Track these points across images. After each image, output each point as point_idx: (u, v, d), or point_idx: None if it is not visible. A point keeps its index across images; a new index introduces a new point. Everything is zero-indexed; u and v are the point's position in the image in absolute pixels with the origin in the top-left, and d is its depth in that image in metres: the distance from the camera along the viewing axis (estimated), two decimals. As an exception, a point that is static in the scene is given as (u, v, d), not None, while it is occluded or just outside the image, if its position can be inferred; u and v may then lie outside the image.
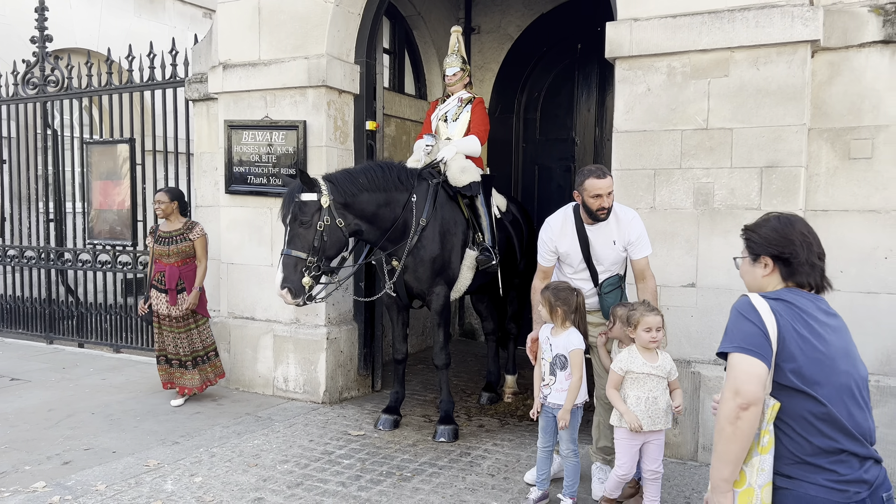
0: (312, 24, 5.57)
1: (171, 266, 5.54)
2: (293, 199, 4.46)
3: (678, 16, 4.30)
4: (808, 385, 1.95)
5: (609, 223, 3.80)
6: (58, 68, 7.72)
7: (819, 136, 4.25)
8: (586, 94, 7.45)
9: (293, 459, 4.43)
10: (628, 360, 3.45)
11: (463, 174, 4.98)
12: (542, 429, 3.79)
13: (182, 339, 5.58)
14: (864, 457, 1.95)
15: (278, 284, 4.41)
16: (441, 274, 4.89)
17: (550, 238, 3.92)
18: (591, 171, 3.72)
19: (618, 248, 3.82)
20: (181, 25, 11.84)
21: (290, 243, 4.45)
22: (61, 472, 4.19)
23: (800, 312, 2.01)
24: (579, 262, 3.87)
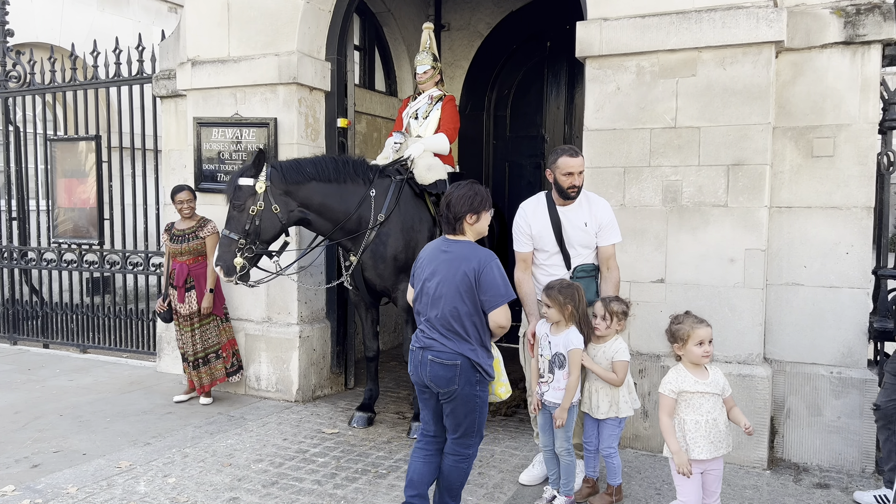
0: (283, 21, 5.54)
1: (181, 264, 5.47)
2: (232, 183, 4.62)
3: (647, 16, 4.38)
4: None
5: (581, 205, 3.87)
6: (19, 63, 7.56)
7: (783, 134, 4.36)
8: (556, 91, 7.52)
9: (267, 458, 4.42)
10: (678, 380, 3.11)
11: (429, 172, 5.00)
12: (541, 427, 3.75)
13: (187, 336, 5.49)
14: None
15: (212, 263, 4.60)
16: (406, 271, 4.89)
17: (525, 221, 3.95)
18: (563, 150, 3.81)
19: (589, 231, 3.85)
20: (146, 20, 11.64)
21: (227, 224, 4.62)
22: (31, 475, 4.13)
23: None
24: (552, 245, 3.88)
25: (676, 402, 3.11)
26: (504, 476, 4.17)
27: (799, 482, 4.11)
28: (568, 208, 3.88)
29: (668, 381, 3.14)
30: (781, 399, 4.41)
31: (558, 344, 3.58)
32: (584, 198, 3.89)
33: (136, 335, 7.10)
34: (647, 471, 4.24)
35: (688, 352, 3.10)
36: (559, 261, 3.91)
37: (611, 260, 3.92)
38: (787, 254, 4.39)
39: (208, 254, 5.48)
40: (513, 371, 3.86)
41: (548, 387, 3.62)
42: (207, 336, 5.53)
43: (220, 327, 5.59)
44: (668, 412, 3.11)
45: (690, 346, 3.08)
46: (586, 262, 3.89)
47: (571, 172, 3.76)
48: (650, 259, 4.51)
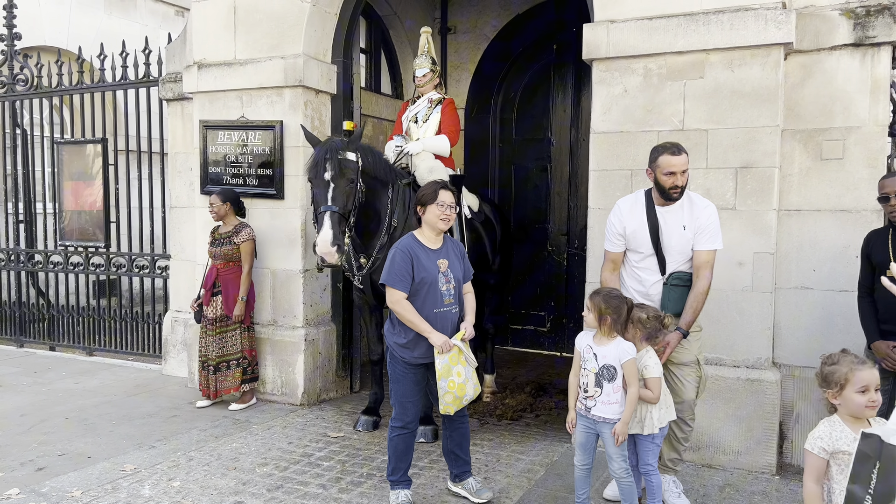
0: (289, 24, 5.53)
1: (213, 267, 5.45)
2: (336, 155, 4.32)
3: (654, 18, 4.35)
4: None
5: (682, 207, 3.60)
6: (27, 67, 7.58)
7: (792, 137, 4.32)
8: (562, 94, 7.49)
9: (272, 462, 4.40)
10: (832, 436, 2.43)
11: (431, 174, 4.98)
12: (580, 445, 3.47)
13: (210, 340, 5.44)
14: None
15: (328, 241, 4.20)
16: None
17: (619, 219, 3.71)
18: (665, 148, 3.55)
19: (687, 235, 3.58)
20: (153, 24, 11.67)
21: (335, 200, 4.28)
22: (35, 479, 4.12)
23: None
24: (647, 247, 3.63)
25: (828, 464, 2.44)
26: (510, 480, 4.14)
27: (808, 488, 4.06)
28: (667, 209, 3.61)
29: (818, 436, 2.46)
30: (790, 404, 4.37)
31: (607, 355, 3.33)
32: (686, 199, 3.62)
33: (141, 338, 7.10)
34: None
35: (846, 400, 2.43)
36: (653, 264, 3.66)
37: (703, 268, 3.57)
38: (795, 257, 4.36)
39: (243, 260, 5.39)
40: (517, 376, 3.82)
41: (595, 402, 3.37)
42: (229, 343, 5.45)
43: (244, 335, 5.50)
44: (817, 477, 2.44)
45: (850, 393, 2.42)
46: (682, 269, 3.63)
47: (673, 172, 3.49)
48: (658, 262, 4.47)
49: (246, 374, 5.53)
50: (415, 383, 3.70)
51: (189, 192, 6.33)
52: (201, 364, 5.54)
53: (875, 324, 3.57)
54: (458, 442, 3.84)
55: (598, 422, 3.37)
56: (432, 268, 3.58)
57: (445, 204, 3.57)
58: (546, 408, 5.63)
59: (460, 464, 3.87)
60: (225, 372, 5.45)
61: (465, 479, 3.88)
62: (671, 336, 3.53)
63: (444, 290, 3.60)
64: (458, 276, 3.69)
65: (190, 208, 6.31)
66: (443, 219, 3.58)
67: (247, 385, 5.55)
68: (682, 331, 3.55)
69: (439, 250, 3.65)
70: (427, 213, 3.61)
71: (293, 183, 5.60)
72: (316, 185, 4.35)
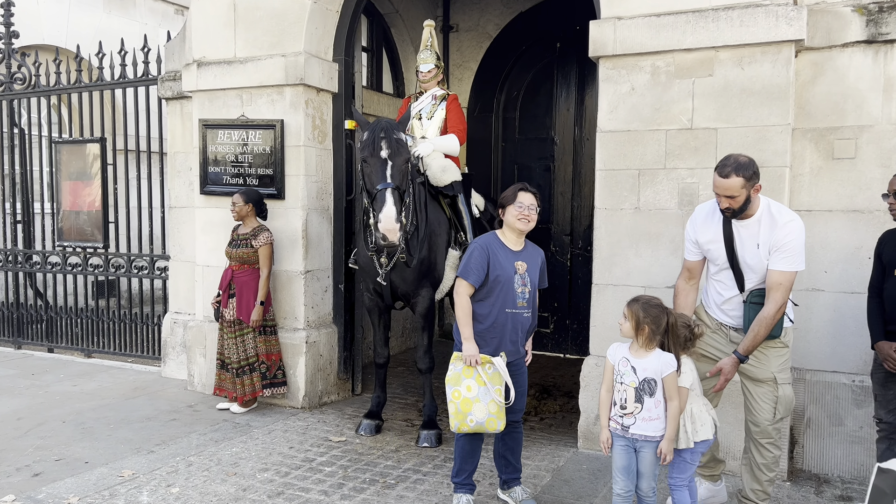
0: (290, 22, 5.45)
1: (228, 268, 5.36)
2: (392, 133, 4.28)
3: (662, 14, 4.27)
4: None
5: (759, 222, 3.30)
6: (25, 65, 7.50)
7: (803, 136, 4.24)
8: (566, 92, 7.41)
9: (273, 467, 4.32)
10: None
11: (444, 173, 4.90)
12: (621, 469, 3.19)
13: (230, 343, 5.34)
14: None
15: (391, 217, 4.09)
16: (427, 276, 4.80)
17: (693, 227, 3.52)
18: (718, 166, 3.27)
19: (761, 254, 3.29)
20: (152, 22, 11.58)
21: (393, 177, 4.20)
22: (31, 485, 4.04)
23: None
24: (723, 261, 3.40)
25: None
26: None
27: (820, 494, 3.98)
28: (743, 223, 3.33)
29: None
30: (801, 408, 4.28)
31: (647, 368, 3.12)
32: (766, 212, 3.30)
33: (140, 340, 7.02)
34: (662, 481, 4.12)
35: None
36: (728, 279, 3.42)
37: (774, 290, 3.24)
38: (806, 258, 4.24)
39: (261, 264, 5.26)
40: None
41: (634, 419, 3.13)
42: (249, 346, 5.33)
43: (258, 339, 5.35)
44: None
45: None
46: (763, 286, 3.33)
47: (718, 194, 3.25)
48: (666, 264, 4.39)
49: (265, 379, 5.40)
50: None
51: (188, 192, 6.24)
52: (220, 364, 5.44)
53: (881, 324, 3.52)
54: (511, 447, 3.75)
55: (639, 440, 3.14)
56: (509, 267, 3.52)
57: (524, 205, 3.53)
58: (550, 411, 5.55)
59: (510, 470, 3.79)
60: (248, 375, 5.34)
61: (513, 487, 3.79)
62: (726, 361, 3.32)
63: (518, 292, 3.53)
64: (534, 281, 3.61)
65: (189, 208, 6.22)
66: (521, 219, 3.52)
67: (268, 390, 5.42)
68: (739, 356, 3.31)
69: (520, 252, 3.60)
70: (506, 214, 3.57)
71: (294, 183, 5.52)
72: (372, 163, 4.25)
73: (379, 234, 4.15)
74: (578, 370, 4.78)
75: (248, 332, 5.33)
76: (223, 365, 5.44)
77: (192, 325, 6.05)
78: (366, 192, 4.36)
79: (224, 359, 5.42)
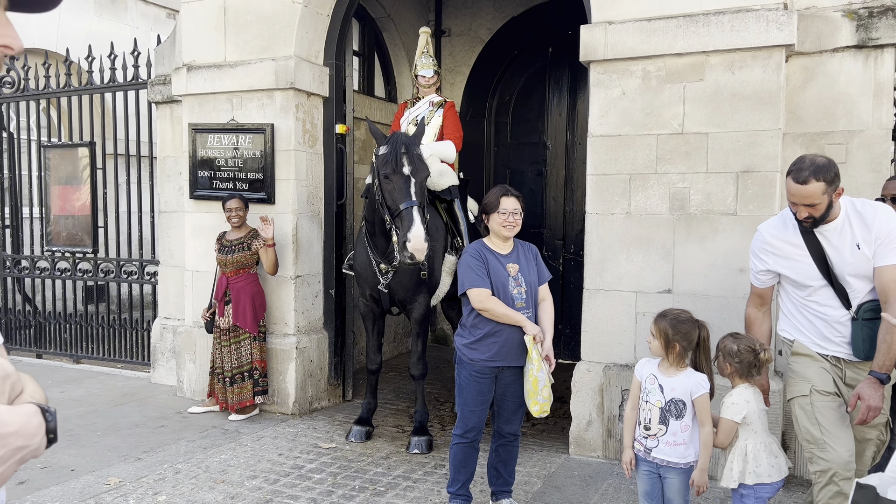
0: (280, 25, 5.42)
1: (223, 276, 5.30)
2: (413, 150, 4.25)
3: (653, 19, 4.26)
4: None
5: (847, 222, 2.90)
6: (13, 69, 7.44)
7: (794, 140, 4.24)
8: (558, 97, 7.41)
9: (262, 475, 4.28)
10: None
11: (441, 178, 4.88)
12: (645, 494, 3.01)
13: (225, 351, 5.28)
14: None
15: (421, 236, 4.04)
16: (425, 282, 4.77)
17: (762, 248, 3.10)
18: (792, 170, 2.86)
19: (865, 255, 2.87)
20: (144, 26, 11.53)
21: (417, 195, 4.18)
22: (16, 493, 3.98)
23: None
24: (816, 279, 2.95)
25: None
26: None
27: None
28: (826, 228, 2.92)
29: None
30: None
31: (676, 388, 2.89)
32: (849, 209, 2.92)
33: (130, 345, 6.97)
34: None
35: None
36: (829, 297, 2.95)
37: (892, 290, 2.79)
38: (798, 263, 4.26)
39: (265, 265, 5.26)
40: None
41: (657, 441, 2.92)
42: (244, 353, 5.29)
43: (254, 345, 5.32)
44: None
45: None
46: (873, 297, 2.88)
47: (795, 202, 2.86)
48: (657, 269, 4.38)
49: (257, 386, 5.36)
50: (478, 393, 3.54)
51: (178, 196, 6.20)
52: (213, 374, 5.40)
53: None
54: (504, 459, 3.71)
55: (661, 465, 2.93)
56: (502, 272, 3.49)
57: (508, 211, 3.49)
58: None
59: (501, 482, 3.74)
60: (240, 384, 5.29)
61: (501, 500, 3.75)
62: (863, 387, 2.77)
63: (514, 294, 3.48)
64: (530, 280, 3.55)
65: (179, 213, 6.18)
66: (505, 226, 3.49)
67: (259, 398, 5.38)
68: (878, 375, 2.77)
69: (509, 255, 3.56)
70: (491, 222, 3.54)
71: (284, 187, 5.48)
72: (395, 180, 4.20)
73: (407, 252, 4.08)
74: (569, 375, 4.75)
75: (244, 338, 5.29)
76: (216, 373, 5.39)
77: (181, 330, 6.00)
78: (386, 209, 4.27)
79: (217, 367, 5.37)
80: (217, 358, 5.35)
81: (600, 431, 4.53)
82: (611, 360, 4.53)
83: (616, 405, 4.46)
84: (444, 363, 7.26)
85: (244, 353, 5.30)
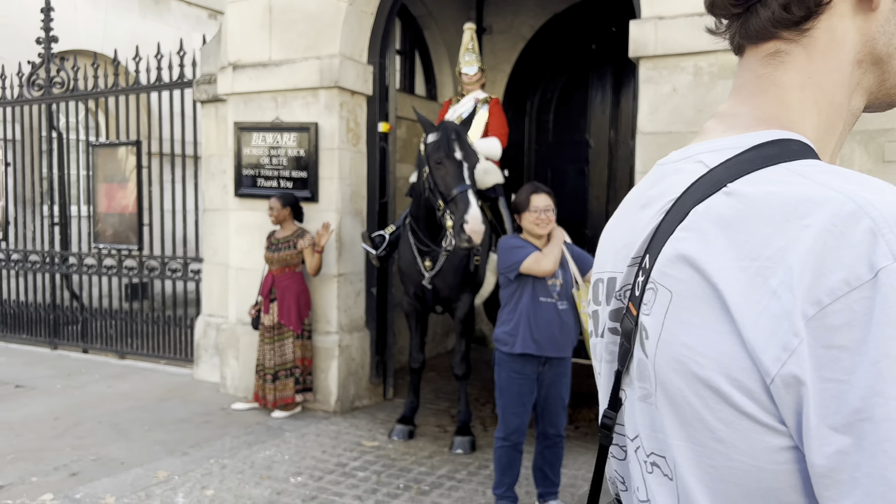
0: (325, 24, 5.44)
1: (269, 273, 5.36)
2: (463, 135, 4.26)
3: (706, 14, 4.15)
4: None
5: None
6: (63, 69, 7.61)
7: (851, 138, 4.11)
8: (601, 95, 7.32)
9: (306, 472, 4.29)
10: None
11: (486, 176, 4.85)
12: None
13: (267, 348, 5.34)
14: None
15: (479, 218, 4.02)
16: (469, 281, 4.74)
17: None
18: None
19: None
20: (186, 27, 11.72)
21: (471, 179, 4.17)
22: (69, 484, 4.06)
23: None
24: None
25: None
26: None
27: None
28: None
29: None
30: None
31: None
32: None
33: (173, 342, 7.06)
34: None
35: None
36: None
37: None
38: (855, 264, 4.13)
39: (308, 266, 5.31)
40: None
41: None
42: (287, 351, 5.33)
43: (296, 343, 5.36)
44: None
45: None
46: None
47: None
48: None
49: (298, 384, 5.38)
50: (518, 395, 3.52)
51: (223, 194, 6.27)
52: (257, 372, 5.45)
53: None
54: (550, 461, 3.68)
55: None
56: None
57: (539, 209, 3.48)
58: (585, 419, 5.46)
59: (547, 483, 3.71)
60: (282, 381, 5.33)
61: (549, 502, 3.71)
62: None
63: (549, 285, 3.47)
64: (565, 277, 3.52)
65: (223, 211, 6.25)
66: (538, 224, 3.48)
67: (300, 395, 5.41)
68: None
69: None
70: (523, 221, 3.54)
71: (328, 185, 5.50)
72: (447, 164, 4.19)
73: (465, 235, 4.03)
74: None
75: (288, 336, 5.33)
76: (259, 370, 5.44)
77: (224, 327, 6.06)
78: (438, 195, 4.23)
79: (260, 364, 5.42)
80: (261, 355, 5.40)
81: (647, 434, 4.45)
82: (658, 362, 4.45)
83: (664, 408, 4.38)
84: (484, 364, 7.22)
85: (287, 350, 5.33)
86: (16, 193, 8.28)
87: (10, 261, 8.17)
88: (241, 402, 5.64)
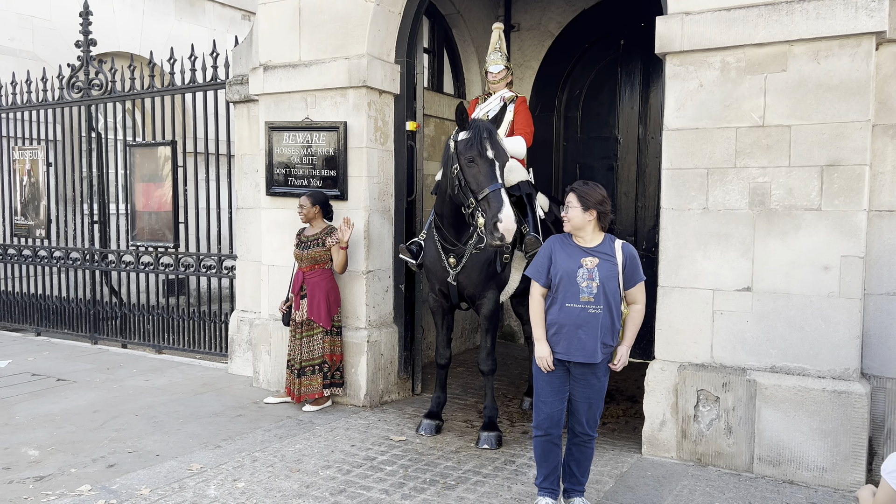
0: (353, 24, 5.51)
1: (299, 270, 5.48)
2: (495, 135, 4.27)
3: (732, 9, 4.13)
4: None
5: None
6: (101, 72, 7.81)
7: (884, 132, 4.04)
8: (629, 91, 7.27)
9: (335, 465, 4.37)
10: None
11: (511, 173, 4.86)
12: None
13: (296, 343, 5.46)
14: None
15: (512, 217, 4.03)
16: (494, 277, 4.77)
17: None
18: None
19: None
20: (220, 28, 11.93)
21: (503, 178, 4.20)
22: (106, 476, 4.20)
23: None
24: None
25: None
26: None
27: (902, 509, 3.78)
28: None
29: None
30: (881, 418, 4.08)
31: None
32: None
33: (208, 337, 7.22)
34: (731, 490, 3.98)
35: None
36: None
37: None
38: (888, 261, 4.07)
39: (334, 264, 5.39)
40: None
41: None
42: (315, 346, 5.43)
43: (325, 339, 5.43)
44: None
45: None
46: None
47: None
48: (735, 266, 4.25)
49: (326, 379, 5.47)
50: (548, 383, 3.56)
51: (255, 193, 6.39)
52: (288, 366, 5.56)
53: None
54: (577, 458, 3.69)
55: None
56: (572, 262, 3.48)
57: (567, 205, 3.57)
58: (613, 416, 5.45)
59: (573, 480, 3.72)
60: (310, 376, 5.43)
61: (573, 499, 3.72)
62: None
63: (582, 287, 3.44)
64: (606, 277, 3.45)
65: (256, 209, 6.37)
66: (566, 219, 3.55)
67: (327, 390, 5.48)
68: None
69: (594, 248, 3.52)
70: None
71: (357, 184, 5.58)
72: (479, 163, 4.19)
73: (498, 233, 4.04)
74: (642, 374, 4.67)
75: (317, 331, 5.42)
76: (288, 364, 5.55)
77: (257, 323, 6.18)
78: (469, 193, 4.23)
79: (290, 359, 5.53)
80: (291, 350, 5.50)
81: (674, 432, 4.44)
82: (686, 360, 4.43)
83: (691, 406, 4.36)
84: (512, 359, 7.26)
85: (316, 346, 5.42)
86: (57, 192, 8.54)
87: (53, 258, 8.43)
88: (273, 396, 5.76)
